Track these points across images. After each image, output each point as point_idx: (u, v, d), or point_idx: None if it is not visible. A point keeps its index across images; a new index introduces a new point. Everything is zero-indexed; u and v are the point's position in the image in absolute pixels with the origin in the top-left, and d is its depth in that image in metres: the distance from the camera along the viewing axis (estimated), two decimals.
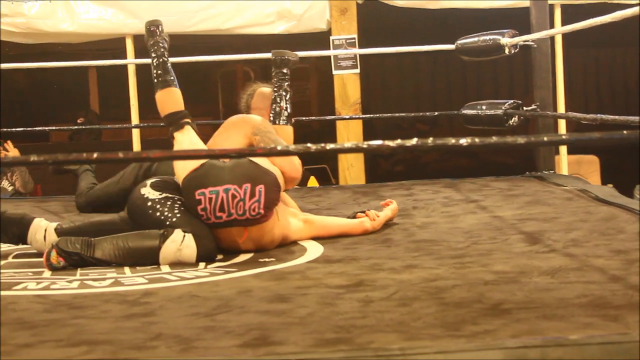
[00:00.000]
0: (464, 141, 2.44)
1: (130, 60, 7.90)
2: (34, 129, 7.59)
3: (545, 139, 2.49)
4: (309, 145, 2.47)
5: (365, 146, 2.45)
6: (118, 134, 11.67)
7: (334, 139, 8.01)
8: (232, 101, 12.12)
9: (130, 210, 4.13)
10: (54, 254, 3.77)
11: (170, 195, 4.04)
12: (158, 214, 3.98)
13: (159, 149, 2.55)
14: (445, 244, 4.07)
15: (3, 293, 3.40)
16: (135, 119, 8.14)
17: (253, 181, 3.87)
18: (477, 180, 6.51)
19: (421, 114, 9.23)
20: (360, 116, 8.00)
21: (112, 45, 8.46)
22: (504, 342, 2.42)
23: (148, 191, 4.08)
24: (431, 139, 2.47)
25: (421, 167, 11.36)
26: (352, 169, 7.87)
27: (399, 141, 2.45)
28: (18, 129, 7.14)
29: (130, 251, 3.81)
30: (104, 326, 2.83)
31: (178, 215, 3.96)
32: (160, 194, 4.05)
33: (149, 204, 4.02)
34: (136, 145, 8.31)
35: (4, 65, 6.82)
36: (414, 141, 2.45)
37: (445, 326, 2.63)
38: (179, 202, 4.02)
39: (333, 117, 8.04)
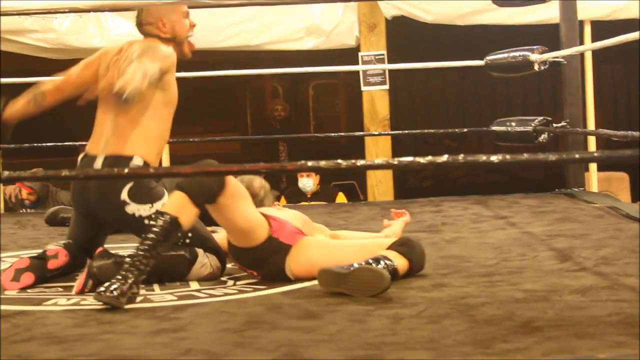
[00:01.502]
0: (494, 158, 2.43)
1: None
2: (63, 143, 7.59)
3: (577, 156, 2.48)
4: (339, 161, 2.47)
5: (396, 162, 2.45)
6: None
7: (362, 155, 8.00)
8: (260, 116, 12.17)
9: (126, 231, 4.09)
10: (90, 283, 3.71)
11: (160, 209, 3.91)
12: None
13: (188, 165, 2.56)
14: (475, 260, 4.05)
15: (33, 309, 3.42)
16: None
17: None
18: (507, 197, 6.49)
19: (450, 130, 9.21)
20: (389, 132, 8.00)
21: None
22: None
23: (136, 208, 3.91)
24: (462, 155, 2.46)
25: (449, 182, 11.34)
26: (380, 185, 7.86)
27: (429, 157, 2.45)
28: (48, 144, 7.16)
29: (158, 272, 3.74)
30: (134, 341, 2.83)
31: (189, 233, 3.92)
32: (150, 207, 3.91)
33: (146, 221, 3.77)
34: (165, 161, 8.33)
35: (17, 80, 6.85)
36: (444, 157, 2.44)
37: (476, 344, 2.62)
38: None
39: (362, 133, 8.03)
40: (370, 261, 3.50)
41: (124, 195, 3.88)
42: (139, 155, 3.92)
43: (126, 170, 2.50)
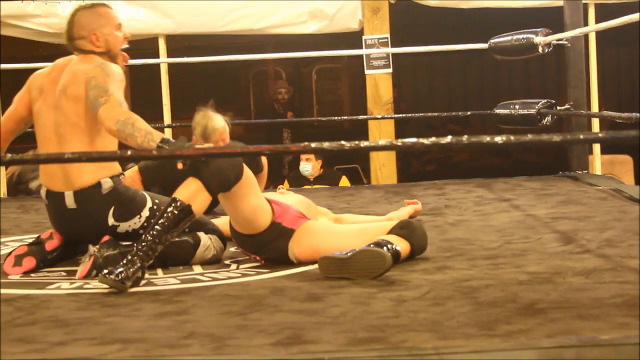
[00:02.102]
0: (499, 139, 2.42)
1: (163, 60, 7.90)
2: None
3: (581, 136, 2.47)
4: (343, 143, 2.46)
5: (399, 144, 2.44)
6: None
7: (365, 139, 7.98)
8: (263, 100, 12.15)
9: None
10: (94, 273, 3.69)
11: (144, 220, 3.86)
12: None
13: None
14: (478, 243, 4.05)
15: (36, 292, 3.42)
16: (167, 118, 8.16)
17: None
18: (510, 179, 6.48)
19: (454, 113, 9.18)
20: (393, 116, 7.98)
21: (145, 45, 8.47)
22: (539, 342, 2.41)
23: (127, 225, 3.85)
24: (466, 136, 2.45)
25: (453, 166, 11.32)
26: (383, 168, 7.85)
27: (433, 139, 2.44)
28: None
29: (162, 258, 3.73)
30: (137, 324, 2.83)
31: None
32: (139, 218, 3.85)
33: (141, 231, 3.78)
34: None
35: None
36: (448, 139, 2.44)
37: (479, 325, 2.61)
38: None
39: (365, 116, 8.01)
40: (372, 245, 3.49)
41: (111, 220, 3.83)
42: (105, 177, 3.82)
43: (129, 152, 2.50)
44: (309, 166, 7.73)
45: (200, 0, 7.94)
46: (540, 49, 6.30)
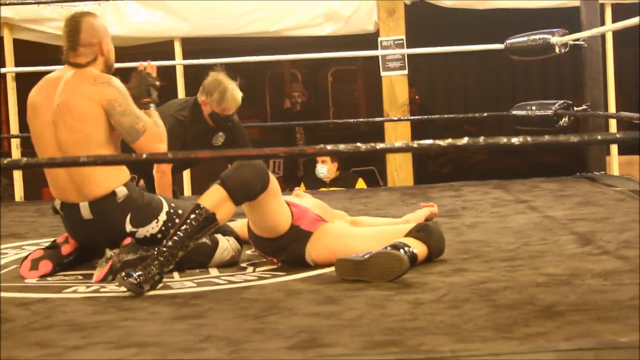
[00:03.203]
0: (515, 140, 2.40)
1: (178, 62, 7.90)
2: None
3: (599, 137, 2.45)
4: (358, 145, 2.45)
5: (415, 145, 2.43)
6: None
7: (381, 141, 7.96)
8: (279, 103, 12.15)
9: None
10: (110, 278, 3.69)
11: (161, 225, 3.87)
12: None
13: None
14: (495, 245, 4.03)
15: (53, 296, 3.42)
16: None
17: None
18: (527, 181, 6.46)
19: (470, 115, 9.15)
20: (409, 117, 7.95)
21: (161, 48, 8.48)
22: (557, 344, 2.39)
23: (145, 231, 3.84)
24: (482, 138, 2.43)
25: (469, 168, 11.29)
26: (400, 170, 7.82)
27: (450, 140, 2.43)
28: None
29: (180, 261, 3.72)
30: (154, 328, 2.83)
31: None
32: (156, 222, 3.85)
33: (159, 236, 3.82)
34: None
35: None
36: (465, 140, 2.42)
37: (497, 328, 2.60)
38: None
39: (381, 118, 7.99)
40: (388, 247, 3.48)
41: (129, 227, 3.82)
42: (118, 185, 3.81)
43: (144, 156, 2.50)
44: (324, 169, 7.72)
45: (216, 2, 7.94)
46: (557, 50, 6.27)
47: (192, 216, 3.51)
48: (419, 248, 3.58)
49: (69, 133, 3.78)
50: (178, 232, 3.49)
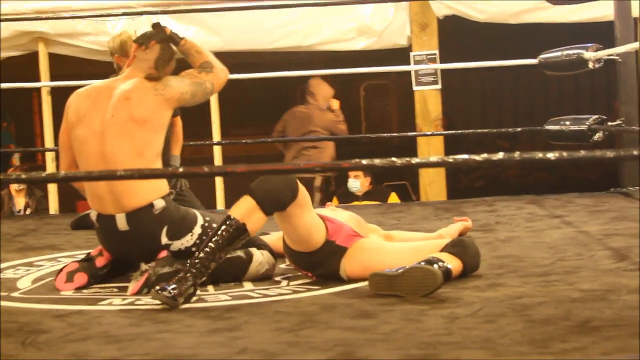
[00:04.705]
0: (551, 155, 2.39)
1: None
2: None
3: (635, 152, 2.44)
4: (394, 159, 2.45)
5: (451, 160, 2.43)
6: (198, 150, 11.73)
7: (413, 155, 7.96)
8: None
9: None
10: (145, 291, 3.70)
11: (197, 235, 3.88)
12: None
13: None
14: (530, 260, 4.01)
15: (89, 308, 3.44)
16: (216, 135, 8.20)
17: None
18: (561, 196, 6.43)
19: (503, 129, 9.12)
20: (442, 132, 7.96)
21: None
22: None
23: (180, 244, 3.85)
24: (518, 153, 2.43)
25: (502, 182, 11.26)
26: (433, 185, 7.83)
27: (485, 155, 2.43)
28: None
29: (214, 275, 3.74)
30: (189, 340, 2.84)
31: None
32: (191, 235, 3.86)
33: (194, 249, 3.83)
34: (218, 162, 8.37)
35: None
36: (500, 155, 2.42)
37: (533, 343, 2.59)
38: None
39: (414, 133, 8.00)
40: (422, 262, 3.47)
41: (164, 239, 3.83)
42: (157, 198, 3.83)
43: (181, 170, 2.51)
44: (357, 183, 7.73)
45: (249, 17, 7.98)
46: (590, 65, 6.25)
47: (223, 227, 3.53)
48: (453, 263, 3.57)
49: (122, 143, 3.80)
50: (210, 244, 3.50)
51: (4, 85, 7.61)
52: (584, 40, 6.45)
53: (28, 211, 8.54)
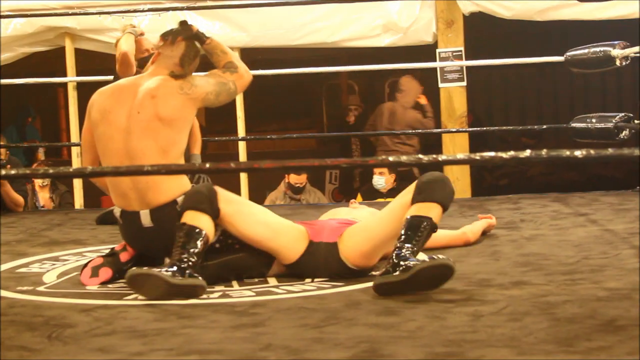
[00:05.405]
0: (579, 153, 2.39)
1: None
2: None
3: None
4: (420, 156, 2.45)
5: (478, 157, 2.42)
6: (223, 146, 11.75)
7: (438, 152, 7.95)
8: (336, 114, 12.17)
9: None
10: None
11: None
12: None
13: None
14: (555, 258, 4.00)
15: (114, 302, 3.46)
16: (241, 131, 8.21)
17: None
18: (586, 194, 6.39)
19: (529, 127, 9.07)
20: (467, 129, 7.93)
21: None
22: (621, 359, 2.37)
23: None
24: (545, 150, 2.42)
25: (526, 180, 11.20)
26: (458, 182, 7.79)
27: (512, 153, 2.42)
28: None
29: (239, 272, 3.75)
30: (214, 336, 2.85)
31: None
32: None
33: (217, 245, 3.85)
34: (242, 158, 8.37)
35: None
36: (527, 153, 2.41)
37: (558, 342, 2.58)
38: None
39: (439, 130, 7.98)
40: (426, 258, 3.40)
41: None
42: (180, 194, 3.83)
43: (207, 165, 2.52)
44: (382, 180, 7.72)
45: (275, 13, 7.98)
46: (617, 62, 6.22)
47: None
48: (433, 211, 3.57)
49: (147, 141, 3.81)
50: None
51: (31, 80, 7.67)
52: (610, 37, 6.41)
53: (51, 206, 8.57)
